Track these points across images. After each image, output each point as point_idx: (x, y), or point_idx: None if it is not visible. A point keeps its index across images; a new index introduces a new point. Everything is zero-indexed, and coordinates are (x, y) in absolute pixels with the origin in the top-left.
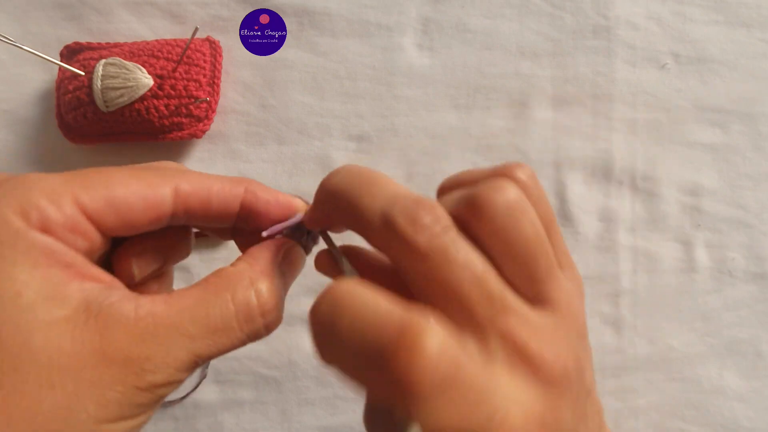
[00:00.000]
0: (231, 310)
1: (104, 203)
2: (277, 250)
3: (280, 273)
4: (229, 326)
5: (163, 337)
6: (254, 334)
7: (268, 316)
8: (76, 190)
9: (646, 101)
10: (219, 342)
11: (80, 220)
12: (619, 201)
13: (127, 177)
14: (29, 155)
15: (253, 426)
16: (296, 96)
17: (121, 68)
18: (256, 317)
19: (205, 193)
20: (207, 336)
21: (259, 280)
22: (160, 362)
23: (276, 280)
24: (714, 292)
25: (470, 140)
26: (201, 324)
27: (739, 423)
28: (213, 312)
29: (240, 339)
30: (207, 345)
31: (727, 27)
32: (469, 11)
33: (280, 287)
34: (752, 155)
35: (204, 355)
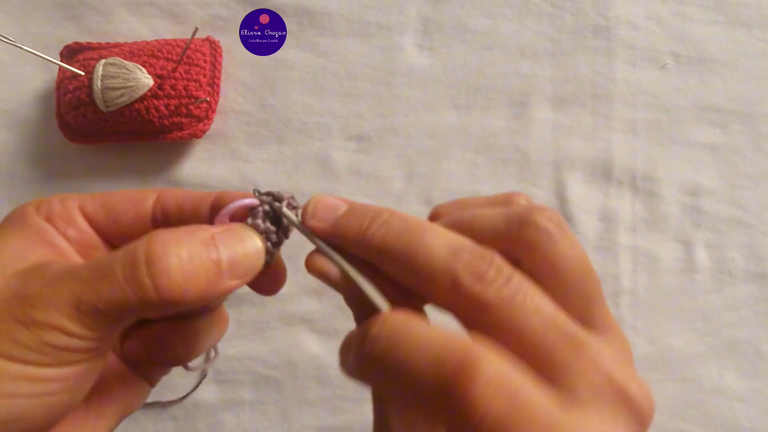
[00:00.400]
0: (118, 255)
1: (99, 205)
2: (214, 228)
3: (201, 243)
4: (112, 270)
5: (59, 281)
6: (137, 285)
7: (153, 265)
8: (84, 198)
9: (646, 101)
10: (100, 287)
11: (75, 213)
12: (619, 201)
13: (127, 190)
14: (29, 155)
15: (253, 426)
16: (296, 96)
17: (121, 68)
18: (139, 263)
19: (180, 197)
20: (91, 280)
21: (159, 236)
22: (45, 300)
23: (191, 246)
24: (714, 292)
25: (470, 140)
26: (90, 269)
27: (739, 423)
28: (105, 259)
29: (121, 287)
30: (88, 288)
31: (727, 27)
32: (469, 11)
33: (191, 253)
34: (752, 155)
35: (84, 299)
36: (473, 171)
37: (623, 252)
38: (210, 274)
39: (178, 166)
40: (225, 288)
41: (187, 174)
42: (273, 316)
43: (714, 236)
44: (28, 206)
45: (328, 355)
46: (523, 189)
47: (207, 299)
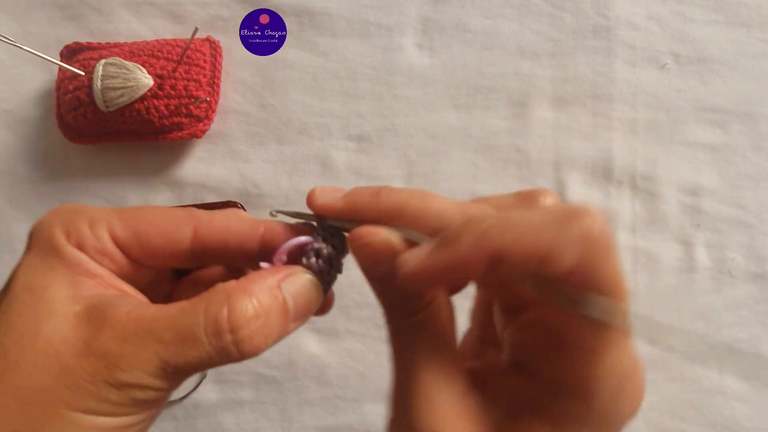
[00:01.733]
0: (200, 321)
1: (132, 234)
2: (276, 272)
3: (271, 296)
4: (197, 337)
5: (138, 338)
6: (223, 351)
7: (238, 333)
8: (112, 221)
9: (646, 101)
10: (186, 352)
11: (109, 245)
12: (619, 201)
13: (157, 215)
14: (29, 155)
15: (253, 426)
16: (296, 96)
17: (121, 68)
18: (224, 332)
19: (223, 234)
20: (176, 344)
21: (235, 294)
22: (131, 361)
23: (262, 300)
24: (714, 292)
25: (470, 140)
26: (173, 331)
27: (739, 423)
28: (185, 321)
29: (207, 353)
30: (175, 353)
31: (727, 27)
32: (469, 11)
33: (265, 308)
34: (752, 155)
35: (172, 363)
36: (473, 171)
37: (623, 252)
38: (282, 325)
39: (178, 166)
40: (290, 331)
41: (187, 174)
42: None
43: (714, 236)
44: (55, 233)
45: (328, 355)
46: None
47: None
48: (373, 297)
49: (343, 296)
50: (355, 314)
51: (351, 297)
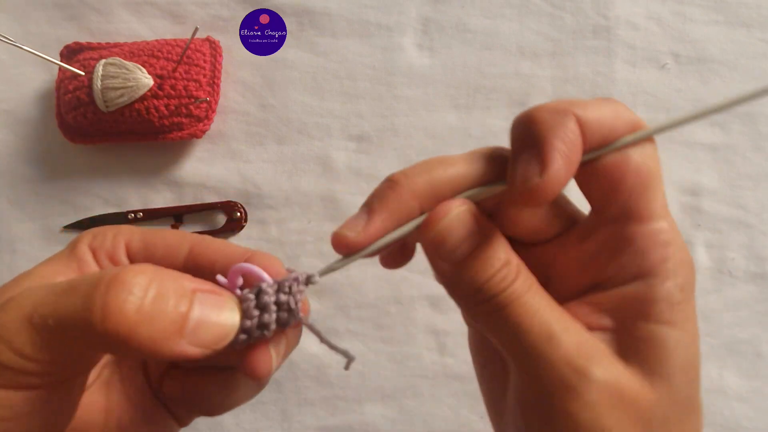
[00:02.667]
0: (93, 273)
1: (142, 245)
2: (207, 284)
3: (179, 293)
4: (77, 286)
5: (30, 289)
6: (87, 309)
7: (109, 298)
8: (134, 234)
9: (646, 101)
10: (59, 300)
11: (120, 253)
12: None
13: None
14: (29, 155)
15: (253, 426)
16: (296, 96)
17: (121, 68)
18: (99, 286)
19: (214, 255)
20: (58, 291)
21: (139, 267)
22: (5, 310)
23: (164, 291)
24: (714, 292)
25: (470, 140)
26: (67, 281)
27: (739, 423)
28: (80, 278)
29: (74, 304)
30: (50, 300)
31: (727, 27)
32: (469, 11)
33: (161, 301)
34: (752, 155)
35: (40, 311)
36: None
37: None
38: (169, 327)
39: (178, 166)
40: (179, 351)
41: (187, 174)
42: None
43: (714, 236)
44: (85, 235)
45: (328, 355)
46: None
47: (158, 353)
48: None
49: (343, 296)
50: (355, 314)
51: (351, 297)
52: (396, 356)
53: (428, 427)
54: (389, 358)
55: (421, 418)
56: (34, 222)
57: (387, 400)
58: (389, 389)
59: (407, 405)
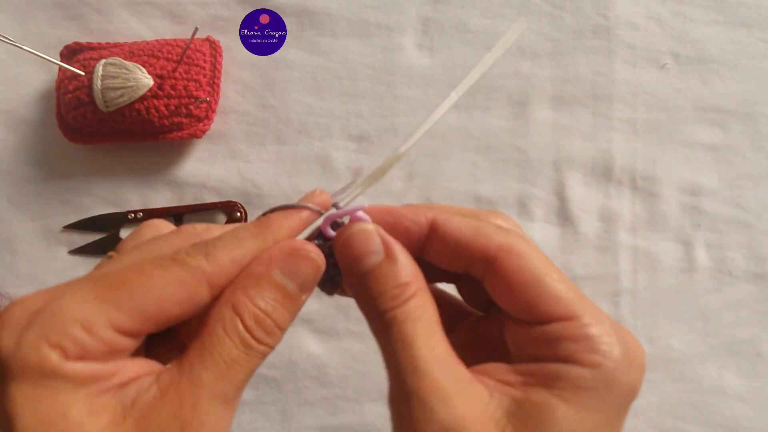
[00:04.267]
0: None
1: (139, 318)
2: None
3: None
4: (237, 360)
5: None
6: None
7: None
8: (111, 313)
9: (646, 101)
10: (231, 377)
11: (117, 341)
12: (619, 201)
13: (158, 284)
14: (29, 155)
15: (253, 426)
16: (296, 96)
17: (121, 68)
18: (248, 341)
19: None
20: (218, 378)
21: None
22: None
23: (266, 291)
24: (714, 292)
25: (470, 140)
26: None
27: (739, 423)
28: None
29: (245, 360)
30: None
31: (727, 27)
32: (469, 11)
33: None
34: (752, 155)
35: (233, 397)
36: (473, 171)
37: (623, 252)
38: (291, 306)
39: (178, 166)
40: (303, 303)
41: (187, 174)
42: None
43: (714, 236)
44: (44, 354)
45: (328, 355)
46: (523, 189)
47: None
48: None
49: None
50: (355, 314)
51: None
52: None
53: None
54: None
55: None
56: (34, 222)
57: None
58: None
59: None
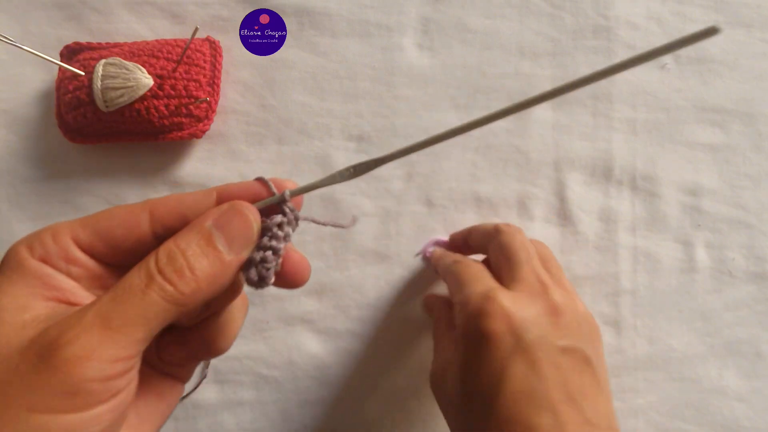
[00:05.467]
0: (136, 275)
1: (94, 234)
2: (208, 214)
3: (194, 230)
4: (133, 288)
5: (76, 316)
6: (161, 294)
7: (165, 271)
8: (75, 228)
9: (646, 101)
10: (127, 302)
11: (73, 250)
12: (619, 201)
13: (114, 210)
14: (29, 155)
15: (253, 426)
16: (296, 96)
17: (121, 68)
18: (154, 275)
19: (178, 208)
20: (116, 298)
21: (165, 242)
22: (71, 337)
23: (186, 236)
24: (714, 292)
25: (470, 140)
26: (113, 291)
27: (739, 423)
28: (125, 281)
29: (148, 302)
30: (113, 306)
31: (727, 27)
32: (469, 11)
33: (185, 242)
34: (752, 155)
35: (111, 315)
36: (473, 171)
37: (623, 252)
38: (211, 254)
39: (178, 166)
40: (229, 262)
41: (187, 174)
42: (273, 316)
43: (714, 236)
44: (20, 249)
45: (328, 355)
46: (523, 189)
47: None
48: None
49: (343, 296)
50: (355, 314)
51: (351, 297)
52: (396, 356)
53: (428, 427)
54: (389, 358)
55: (421, 418)
56: (34, 222)
57: (387, 400)
58: (389, 389)
59: (407, 405)
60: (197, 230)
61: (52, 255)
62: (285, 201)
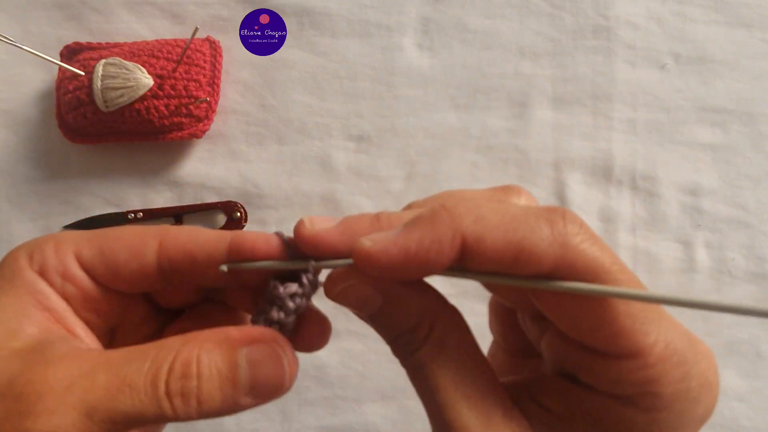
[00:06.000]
0: (145, 367)
1: (97, 252)
2: (243, 332)
3: (223, 356)
4: (134, 384)
5: (66, 381)
6: (156, 404)
7: (170, 386)
8: (81, 242)
9: (646, 101)
10: (119, 398)
11: (73, 267)
12: (619, 201)
13: (125, 231)
14: (29, 155)
15: (253, 426)
16: (296, 96)
17: (121, 68)
18: (159, 383)
19: (188, 243)
20: (109, 389)
21: (188, 345)
22: (49, 407)
23: (211, 358)
24: (714, 292)
25: (470, 140)
26: (111, 374)
27: (739, 423)
28: (129, 366)
29: (141, 403)
30: (106, 398)
31: (727, 27)
32: (469, 11)
33: (207, 367)
34: (752, 155)
35: (100, 410)
36: (473, 171)
37: (623, 252)
38: (228, 394)
39: (178, 166)
40: (243, 405)
41: (187, 174)
42: None
43: (714, 236)
44: (19, 256)
45: (328, 355)
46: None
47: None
48: None
49: None
50: None
51: None
52: None
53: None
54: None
55: (421, 418)
56: (34, 222)
57: (387, 400)
58: (389, 389)
59: (407, 405)
60: (225, 350)
61: (50, 268)
62: (307, 271)
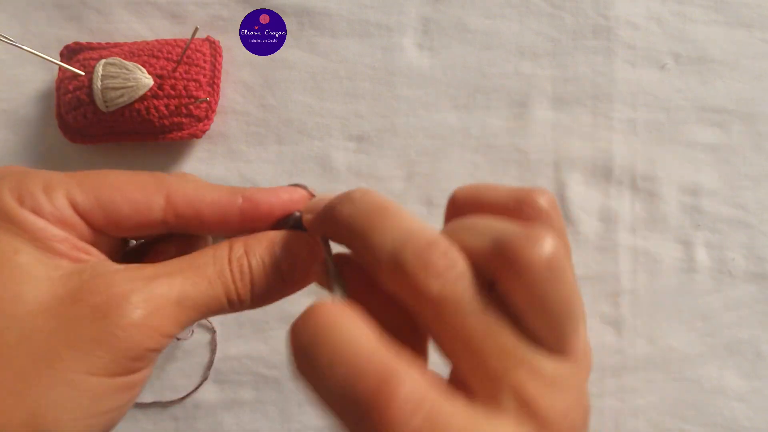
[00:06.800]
0: (210, 257)
1: (94, 202)
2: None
3: (267, 250)
4: (207, 275)
5: (140, 279)
6: (227, 286)
7: (234, 265)
8: (70, 187)
9: (646, 101)
10: (199, 288)
11: (69, 213)
12: (619, 201)
13: (123, 181)
14: (29, 155)
15: (253, 426)
16: (296, 96)
17: (121, 68)
18: (226, 263)
19: (197, 203)
20: (188, 279)
21: (238, 241)
22: (140, 302)
23: (258, 254)
24: (714, 292)
25: (470, 140)
26: (186, 268)
27: (739, 423)
28: (197, 258)
29: (216, 291)
30: (190, 285)
31: (727, 27)
32: (469, 11)
33: (262, 262)
34: (752, 155)
35: (189, 294)
36: (473, 171)
37: (623, 252)
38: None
39: (178, 166)
40: (282, 293)
41: None
42: (273, 316)
43: (714, 236)
44: (3, 197)
45: None
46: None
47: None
48: None
49: None
50: None
51: None
52: None
53: None
54: None
55: None
56: None
57: None
58: None
59: None
60: (265, 244)
61: (45, 211)
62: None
